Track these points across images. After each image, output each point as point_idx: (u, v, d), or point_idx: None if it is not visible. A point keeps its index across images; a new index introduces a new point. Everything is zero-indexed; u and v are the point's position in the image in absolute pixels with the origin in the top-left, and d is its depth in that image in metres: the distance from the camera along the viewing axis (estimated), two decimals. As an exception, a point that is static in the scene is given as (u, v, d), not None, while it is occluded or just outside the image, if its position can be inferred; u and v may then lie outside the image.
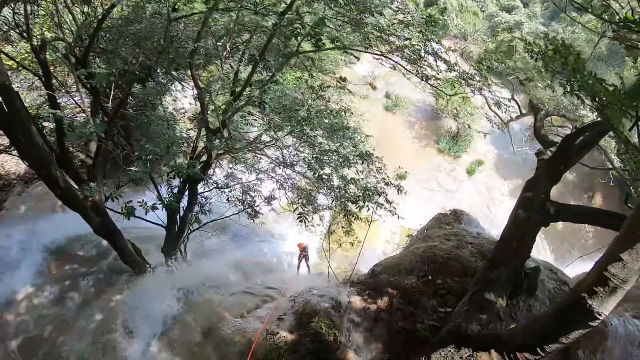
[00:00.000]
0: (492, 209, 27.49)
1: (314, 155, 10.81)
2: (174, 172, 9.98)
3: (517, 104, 18.26)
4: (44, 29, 13.13)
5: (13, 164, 20.28)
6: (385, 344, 8.62)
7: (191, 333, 10.10)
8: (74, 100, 15.85)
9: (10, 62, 13.15)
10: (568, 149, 8.98)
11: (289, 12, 8.61)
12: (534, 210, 8.45)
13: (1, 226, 16.54)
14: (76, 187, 10.86)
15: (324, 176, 10.70)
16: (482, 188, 29.27)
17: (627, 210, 8.02)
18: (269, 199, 13.11)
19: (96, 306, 11.79)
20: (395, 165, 19.14)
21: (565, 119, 16.05)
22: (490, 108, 22.31)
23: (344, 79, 10.61)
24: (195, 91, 11.42)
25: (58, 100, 11.87)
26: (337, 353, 8.48)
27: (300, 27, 8.21)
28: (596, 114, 20.82)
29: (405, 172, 12.84)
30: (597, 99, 5.91)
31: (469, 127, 24.27)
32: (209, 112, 11.29)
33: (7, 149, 20.17)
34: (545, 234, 26.16)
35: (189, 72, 11.37)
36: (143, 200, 9.59)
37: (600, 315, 5.89)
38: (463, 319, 7.64)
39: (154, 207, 9.69)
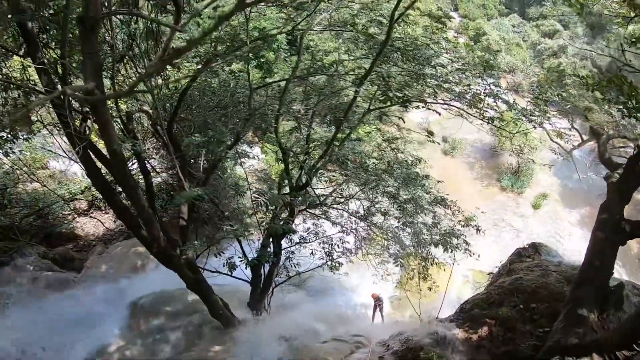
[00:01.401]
0: (562, 240, 27.28)
1: (399, 204, 11.63)
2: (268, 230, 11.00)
3: (578, 131, 18.69)
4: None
5: (92, 226, 22.01)
6: None
7: None
8: (150, 164, 17.35)
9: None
10: (634, 169, 9.42)
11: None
12: (610, 230, 9.07)
13: (84, 284, 17.65)
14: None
15: (407, 223, 11.57)
16: (549, 221, 29.17)
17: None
18: (352, 250, 13.92)
19: (192, 357, 12.55)
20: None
21: (626, 139, 16.41)
22: (551, 139, 22.78)
23: (432, 133, 11.44)
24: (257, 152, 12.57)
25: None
26: None
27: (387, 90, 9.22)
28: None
29: (475, 214, 13.39)
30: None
31: (533, 161, 24.52)
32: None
33: (86, 212, 21.88)
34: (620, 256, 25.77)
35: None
36: (245, 255, 10.61)
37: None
38: (561, 334, 8.33)
39: (253, 262, 10.69)
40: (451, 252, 11.81)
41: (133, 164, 16.56)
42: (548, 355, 8.28)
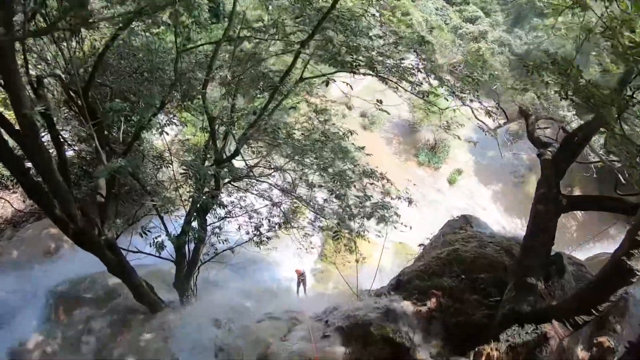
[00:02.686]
0: (478, 214, 27.91)
1: (333, 176, 11.05)
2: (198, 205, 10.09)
3: (504, 111, 18.94)
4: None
5: None
6: (443, 339, 9.06)
7: None
8: (63, 138, 15.80)
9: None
10: (569, 147, 10.05)
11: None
12: (550, 203, 9.27)
13: None
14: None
15: (341, 196, 11.02)
16: (465, 195, 30.04)
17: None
18: (280, 224, 13.28)
19: (119, 348, 11.37)
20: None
21: (553, 120, 16.74)
22: (476, 117, 23.06)
23: (381, 102, 10.93)
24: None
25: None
26: (411, 353, 8.81)
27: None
28: (575, 112, 22.14)
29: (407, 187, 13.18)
30: (591, 100, 6.91)
31: (459, 137, 24.67)
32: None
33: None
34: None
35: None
36: (171, 234, 9.66)
37: (638, 272, 6.78)
38: (513, 302, 8.26)
39: (179, 240, 9.77)
40: (385, 224, 11.36)
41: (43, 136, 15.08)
42: (505, 325, 8.18)
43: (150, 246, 9.18)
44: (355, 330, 9.49)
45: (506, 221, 28.44)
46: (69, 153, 17.96)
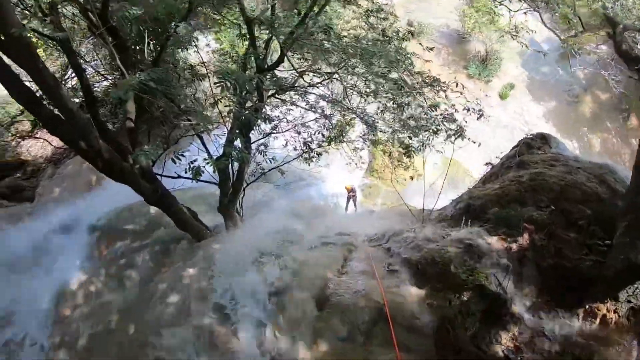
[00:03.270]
0: (529, 132, 26.20)
1: (395, 82, 9.41)
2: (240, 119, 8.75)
3: (580, 19, 16.72)
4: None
5: (39, 148, 19.66)
6: (538, 286, 7.49)
7: (306, 306, 8.37)
8: (92, 67, 14.59)
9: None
10: None
11: None
12: None
13: (38, 213, 15.73)
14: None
15: (404, 105, 9.46)
16: (517, 112, 27.91)
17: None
18: (333, 139, 11.96)
19: (162, 283, 10.38)
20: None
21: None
22: (546, 26, 20.93)
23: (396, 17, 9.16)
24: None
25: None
26: (508, 306, 7.30)
27: None
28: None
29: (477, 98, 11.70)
30: None
31: (527, 46, 22.21)
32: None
33: (30, 134, 19.28)
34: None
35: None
36: (210, 156, 8.39)
37: None
38: (629, 251, 6.66)
39: (221, 164, 8.51)
40: (456, 138, 9.81)
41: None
42: (624, 280, 6.73)
43: (186, 172, 7.90)
44: (430, 268, 8.01)
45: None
46: (105, 83, 17.33)
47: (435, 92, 10.61)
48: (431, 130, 9.98)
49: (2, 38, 6.89)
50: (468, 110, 10.37)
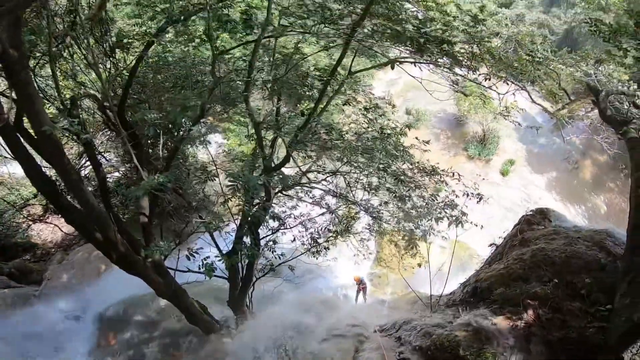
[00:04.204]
0: (534, 206, 26.20)
1: (395, 176, 9.71)
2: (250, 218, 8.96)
3: (566, 92, 17.22)
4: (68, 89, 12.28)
5: (49, 233, 19.75)
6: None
7: None
8: (105, 159, 15.04)
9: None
10: None
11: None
12: None
13: (46, 298, 15.50)
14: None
15: (405, 197, 9.69)
16: (519, 186, 28.22)
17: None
18: (339, 232, 12.09)
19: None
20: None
21: (624, 95, 14.91)
22: (534, 102, 21.48)
23: (394, 106, 9.66)
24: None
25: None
26: None
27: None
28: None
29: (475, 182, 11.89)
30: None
31: (519, 124, 22.84)
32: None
33: (42, 218, 19.43)
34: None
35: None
36: (221, 252, 8.53)
37: None
38: (631, 310, 6.69)
39: (233, 261, 8.63)
40: (457, 225, 9.94)
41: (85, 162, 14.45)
42: (625, 338, 6.67)
43: (199, 268, 8.01)
44: (440, 353, 7.95)
45: (564, 209, 26.33)
46: (116, 175, 17.49)
47: (434, 181, 10.88)
48: (433, 219, 10.13)
49: (34, 136, 7.36)
50: (467, 195, 10.53)
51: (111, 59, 10.70)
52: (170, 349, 12.33)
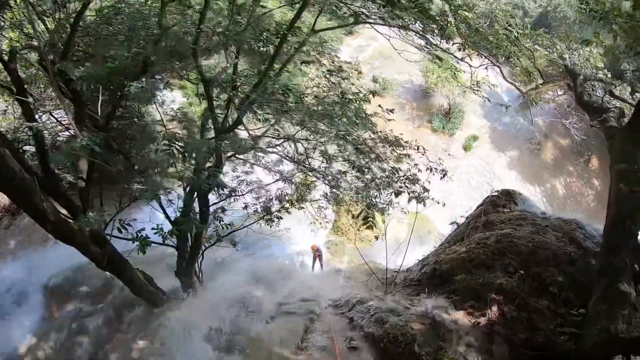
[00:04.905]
0: (494, 184, 26.03)
1: (355, 145, 8.89)
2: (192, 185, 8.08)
3: (540, 72, 16.71)
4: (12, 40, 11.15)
5: None
6: None
7: None
8: (54, 117, 13.87)
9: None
10: None
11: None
12: (633, 182, 7.22)
13: None
14: (69, 215, 8.82)
15: (365, 168, 8.91)
16: (481, 163, 27.90)
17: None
18: (292, 201, 11.50)
19: (113, 353, 9.48)
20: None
21: (602, 81, 14.42)
22: (506, 79, 21.06)
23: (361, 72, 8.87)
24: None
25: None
26: None
27: None
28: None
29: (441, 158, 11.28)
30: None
31: (489, 100, 22.48)
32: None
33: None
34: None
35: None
36: (158, 226, 7.61)
37: None
38: (606, 319, 6.13)
39: (173, 233, 7.76)
40: (419, 202, 9.24)
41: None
42: (599, 349, 6.03)
43: (133, 242, 7.15)
44: (393, 347, 7.26)
45: (524, 189, 26.21)
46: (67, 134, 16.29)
47: (397, 154, 10.18)
48: (394, 193, 9.41)
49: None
50: (431, 170, 9.88)
51: (62, 8, 9.52)
52: (115, 323, 11.50)
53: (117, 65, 8.01)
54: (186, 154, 6.93)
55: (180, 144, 6.82)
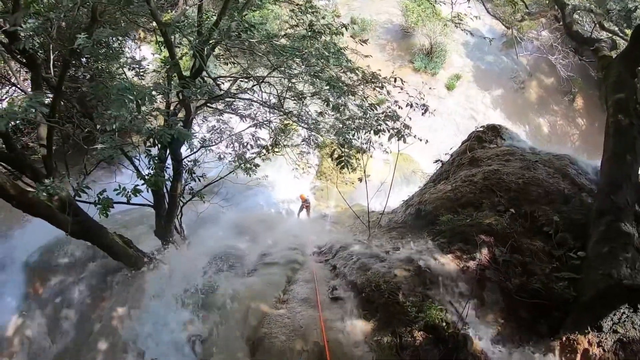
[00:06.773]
0: (478, 120, 25.43)
1: (328, 82, 8.07)
2: (153, 138, 7.37)
3: (524, 3, 15.95)
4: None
5: None
6: (505, 312, 6.09)
7: (236, 352, 6.91)
8: (17, 87, 12.97)
9: None
10: None
11: None
12: (632, 112, 6.76)
13: None
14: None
15: (340, 106, 8.14)
16: (464, 102, 27.39)
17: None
18: (268, 148, 10.89)
19: (97, 322, 9.11)
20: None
21: (592, 12, 13.73)
22: (489, 13, 20.21)
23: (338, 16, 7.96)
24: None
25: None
26: (468, 348, 5.91)
27: None
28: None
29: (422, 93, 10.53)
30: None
31: (471, 34, 21.46)
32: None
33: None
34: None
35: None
36: (120, 186, 6.96)
37: None
38: (609, 264, 5.48)
39: (137, 191, 7.07)
40: (399, 139, 8.53)
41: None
42: (601, 298, 5.37)
43: (95, 205, 6.52)
44: (376, 295, 6.57)
45: (508, 127, 25.85)
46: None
47: (375, 89, 9.40)
48: (372, 131, 8.67)
49: None
50: (411, 106, 9.10)
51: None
52: (99, 291, 10.87)
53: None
54: (139, 101, 6.18)
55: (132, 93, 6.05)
